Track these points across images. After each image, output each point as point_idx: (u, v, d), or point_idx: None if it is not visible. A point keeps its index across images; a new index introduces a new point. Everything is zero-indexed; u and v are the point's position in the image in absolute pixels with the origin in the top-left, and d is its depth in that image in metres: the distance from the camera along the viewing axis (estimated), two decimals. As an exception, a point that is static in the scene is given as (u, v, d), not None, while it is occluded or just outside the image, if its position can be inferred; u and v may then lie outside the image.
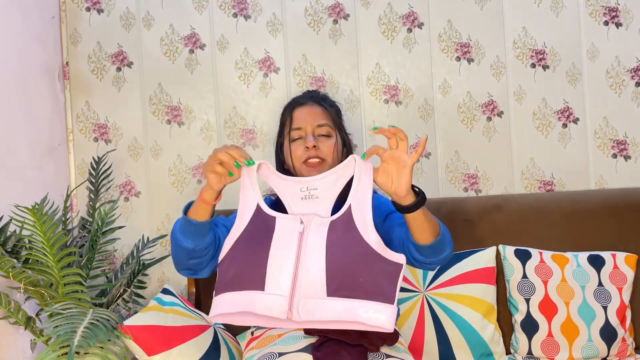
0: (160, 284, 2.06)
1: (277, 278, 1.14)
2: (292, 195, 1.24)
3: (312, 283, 1.13)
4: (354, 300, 1.12)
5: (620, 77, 2.03)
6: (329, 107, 1.55)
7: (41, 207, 1.45)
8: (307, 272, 1.14)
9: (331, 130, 1.51)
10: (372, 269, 1.14)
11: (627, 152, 2.03)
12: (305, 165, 1.46)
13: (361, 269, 1.14)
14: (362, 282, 1.12)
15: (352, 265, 1.14)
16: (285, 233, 1.18)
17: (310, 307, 1.13)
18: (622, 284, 1.73)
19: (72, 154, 2.09)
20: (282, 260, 1.14)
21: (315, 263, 1.14)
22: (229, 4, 2.08)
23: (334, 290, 1.12)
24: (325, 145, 1.48)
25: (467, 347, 1.72)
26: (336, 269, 1.13)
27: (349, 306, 1.12)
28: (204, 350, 1.53)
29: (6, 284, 1.60)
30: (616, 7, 2.03)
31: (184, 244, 1.27)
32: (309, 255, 1.15)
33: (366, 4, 2.06)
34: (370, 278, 1.13)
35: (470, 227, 1.88)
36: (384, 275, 1.14)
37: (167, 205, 2.07)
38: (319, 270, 1.13)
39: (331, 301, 1.12)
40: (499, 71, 2.05)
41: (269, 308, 1.14)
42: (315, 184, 1.23)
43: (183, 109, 2.08)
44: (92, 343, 1.30)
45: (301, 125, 1.49)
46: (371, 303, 1.11)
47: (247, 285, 1.15)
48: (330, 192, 1.23)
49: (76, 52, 2.09)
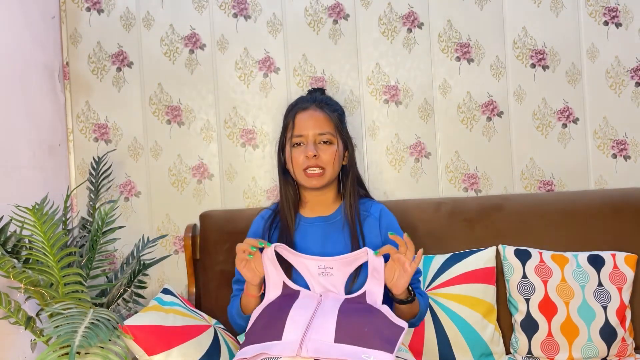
0: (161, 284, 2.06)
1: (293, 327, 1.30)
2: (311, 272, 1.44)
3: (322, 332, 1.27)
4: (358, 347, 1.25)
5: (620, 77, 2.03)
6: (331, 113, 1.58)
7: (41, 207, 1.45)
8: (319, 321, 1.30)
9: (332, 138, 1.56)
10: (376, 322, 1.30)
11: (627, 152, 2.03)
12: (305, 176, 1.53)
13: (367, 322, 1.30)
14: (366, 332, 1.27)
15: (360, 319, 1.30)
16: (305, 299, 1.38)
17: (318, 346, 1.26)
18: (622, 284, 1.73)
19: (72, 154, 2.09)
20: (299, 317, 1.32)
21: (328, 317, 1.30)
22: (229, 4, 2.08)
23: (341, 338, 1.26)
24: (326, 154, 1.54)
25: (467, 347, 1.72)
26: (345, 322, 1.29)
27: (353, 350, 1.24)
28: (204, 350, 1.53)
29: (6, 284, 1.61)
30: (616, 7, 2.03)
31: (245, 326, 1.50)
32: (323, 311, 1.32)
33: (366, 4, 2.06)
34: (373, 328, 1.28)
35: (470, 227, 1.88)
36: (387, 329, 1.30)
37: (167, 205, 2.07)
38: (331, 322, 1.29)
39: (338, 345, 1.26)
40: (499, 71, 2.05)
41: (282, 349, 1.27)
42: (331, 263, 1.43)
43: (183, 109, 2.08)
44: (92, 343, 1.30)
45: (303, 132, 1.55)
46: (373, 351, 1.25)
47: (268, 338, 1.31)
48: (343, 271, 1.42)
49: (76, 52, 2.09)
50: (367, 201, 1.63)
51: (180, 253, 2.07)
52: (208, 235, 1.91)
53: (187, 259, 1.94)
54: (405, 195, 2.04)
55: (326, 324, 1.28)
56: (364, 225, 1.55)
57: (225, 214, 1.95)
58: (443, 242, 1.86)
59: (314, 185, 1.54)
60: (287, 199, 1.60)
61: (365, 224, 1.56)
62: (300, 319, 1.31)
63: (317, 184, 1.53)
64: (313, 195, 1.59)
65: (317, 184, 1.53)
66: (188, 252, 1.94)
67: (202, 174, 2.07)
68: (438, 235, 1.85)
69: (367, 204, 1.61)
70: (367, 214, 1.58)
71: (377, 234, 1.55)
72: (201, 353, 1.52)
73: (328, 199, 1.59)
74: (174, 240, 2.08)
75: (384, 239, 1.55)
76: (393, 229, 1.57)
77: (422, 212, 1.89)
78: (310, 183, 1.54)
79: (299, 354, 1.25)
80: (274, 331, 1.31)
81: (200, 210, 2.02)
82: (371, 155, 2.06)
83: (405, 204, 1.91)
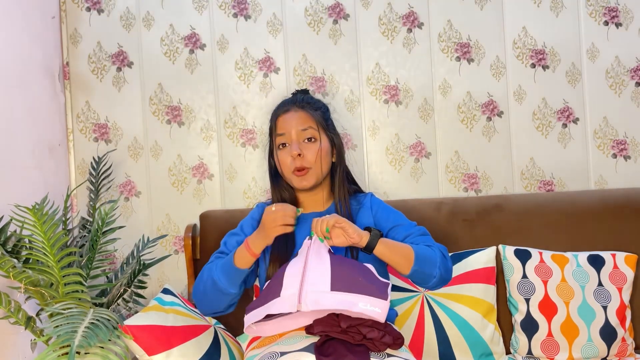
0: (161, 283, 2.06)
1: (290, 282, 1.32)
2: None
3: (318, 282, 1.30)
4: (353, 294, 1.28)
5: (620, 77, 2.03)
6: (313, 111, 1.58)
7: (41, 207, 1.45)
8: (313, 273, 1.32)
9: (315, 133, 1.56)
10: (366, 274, 1.34)
11: (627, 152, 2.03)
12: (295, 176, 1.55)
13: (359, 271, 1.33)
14: (360, 280, 1.31)
15: (351, 269, 1.34)
16: (298, 255, 1.40)
17: (316, 297, 1.28)
18: (622, 284, 1.73)
19: (72, 154, 2.09)
20: (294, 269, 1.34)
21: (321, 267, 1.33)
22: (229, 4, 2.08)
23: (337, 286, 1.29)
24: (310, 152, 1.55)
25: (467, 347, 1.72)
26: (338, 270, 1.32)
27: (349, 298, 1.28)
28: (204, 350, 1.53)
29: (6, 284, 1.60)
30: (616, 7, 2.03)
31: (230, 290, 1.44)
32: (316, 262, 1.34)
33: (366, 4, 2.06)
34: (366, 279, 1.32)
35: (470, 227, 1.88)
36: (376, 281, 1.33)
37: (167, 205, 2.07)
38: (326, 272, 1.31)
39: (334, 294, 1.28)
40: (499, 71, 2.05)
41: (281, 306, 1.30)
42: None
43: (183, 109, 2.08)
44: (92, 343, 1.30)
45: (284, 131, 1.57)
46: (368, 297, 1.28)
47: (269, 298, 1.33)
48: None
49: (76, 52, 2.09)
50: (358, 195, 1.65)
51: (180, 253, 2.07)
52: (208, 235, 1.91)
53: (187, 259, 1.94)
54: (405, 195, 2.04)
55: (321, 274, 1.31)
56: (358, 217, 1.57)
57: (225, 214, 1.95)
58: (443, 242, 1.83)
59: (304, 186, 1.55)
60: (282, 200, 1.61)
61: (359, 216, 1.58)
62: (295, 271, 1.33)
63: (306, 184, 1.55)
64: (306, 196, 1.61)
65: (307, 184, 1.55)
66: (188, 252, 1.94)
67: (202, 174, 2.07)
68: (438, 235, 1.84)
69: (359, 197, 1.64)
70: (360, 206, 1.60)
71: (372, 222, 1.57)
72: (201, 353, 1.52)
73: (321, 198, 1.60)
74: (174, 240, 2.08)
75: (376, 221, 1.57)
76: (382, 210, 1.59)
77: (422, 212, 1.89)
78: (301, 184, 1.55)
79: (299, 309, 1.28)
80: (274, 290, 1.33)
81: (200, 210, 2.02)
82: (371, 155, 2.06)
83: (405, 204, 1.91)
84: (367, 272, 1.35)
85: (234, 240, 1.56)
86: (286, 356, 1.27)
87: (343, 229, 1.37)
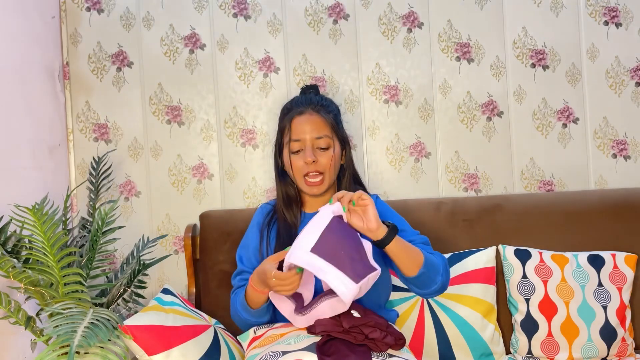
0: (161, 283, 2.06)
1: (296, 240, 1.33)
2: None
3: (305, 241, 1.29)
4: (328, 264, 1.26)
5: (620, 77, 2.03)
6: (327, 115, 1.59)
7: (41, 207, 1.45)
8: (307, 230, 1.31)
9: (330, 141, 1.57)
10: (353, 252, 1.30)
11: (627, 152, 2.03)
12: (306, 183, 1.56)
13: (347, 246, 1.29)
14: (342, 254, 1.28)
15: (341, 241, 1.30)
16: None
17: (295, 252, 1.28)
18: (622, 284, 1.73)
19: (72, 154, 2.09)
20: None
21: (315, 229, 1.30)
22: (229, 4, 2.08)
23: (318, 249, 1.27)
24: (325, 158, 1.56)
25: (467, 347, 1.72)
26: (326, 237, 1.29)
27: (321, 265, 1.26)
28: (204, 350, 1.53)
29: (6, 284, 1.60)
30: (616, 7, 2.03)
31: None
32: (317, 219, 1.32)
33: (366, 4, 2.06)
34: (349, 255, 1.28)
35: (470, 227, 1.88)
36: (360, 262, 1.29)
37: (167, 205, 2.07)
38: (316, 233, 1.29)
39: (311, 255, 1.27)
40: (499, 71, 2.05)
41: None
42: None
43: (183, 109, 2.08)
44: (92, 343, 1.30)
45: (300, 137, 1.57)
46: (341, 274, 1.25)
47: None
48: None
49: (76, 52, 2.09)
50: None
51: (180, 253, 2.07)
52: (208, 235, 1.91)
53: (187, 259, 1.94)
54: (405, 195, 2.04)
55: (311, 233, 1.30)
56: None
57: (225, 214, 1.95)
58: (443, 242, 1.85)
59: (314, 193, 1.57)
60: (287, 198, 1.62)
61: None
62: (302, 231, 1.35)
63: (317, 191, 1.57)
64: (312, 197, 1.62)
65: (317, 191, 1.57)
66: (188, 252, 1.94)
67: (202, 174, 2.07)
68: (438, 235, 1.85)
69: None
70: None
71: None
72: (201, 353, 1.52)
73: (327, 200, 1.60)
74: (174, 240, 2.08)
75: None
76: (387, 213, 1.59)
77: (422, 212, 1.89)
78: (311, 191, 1.57)
79: (287, 259, 1.29)
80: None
81: (200, 210, 2.02)
82: (371, 155, 2.06)
83: (406, 204, 1.91)
84: (359, 249, 1.32)
85: (249, 253, 1.60)
86: (288, 355, 1.27)
87: (364, 209, 1.35)
